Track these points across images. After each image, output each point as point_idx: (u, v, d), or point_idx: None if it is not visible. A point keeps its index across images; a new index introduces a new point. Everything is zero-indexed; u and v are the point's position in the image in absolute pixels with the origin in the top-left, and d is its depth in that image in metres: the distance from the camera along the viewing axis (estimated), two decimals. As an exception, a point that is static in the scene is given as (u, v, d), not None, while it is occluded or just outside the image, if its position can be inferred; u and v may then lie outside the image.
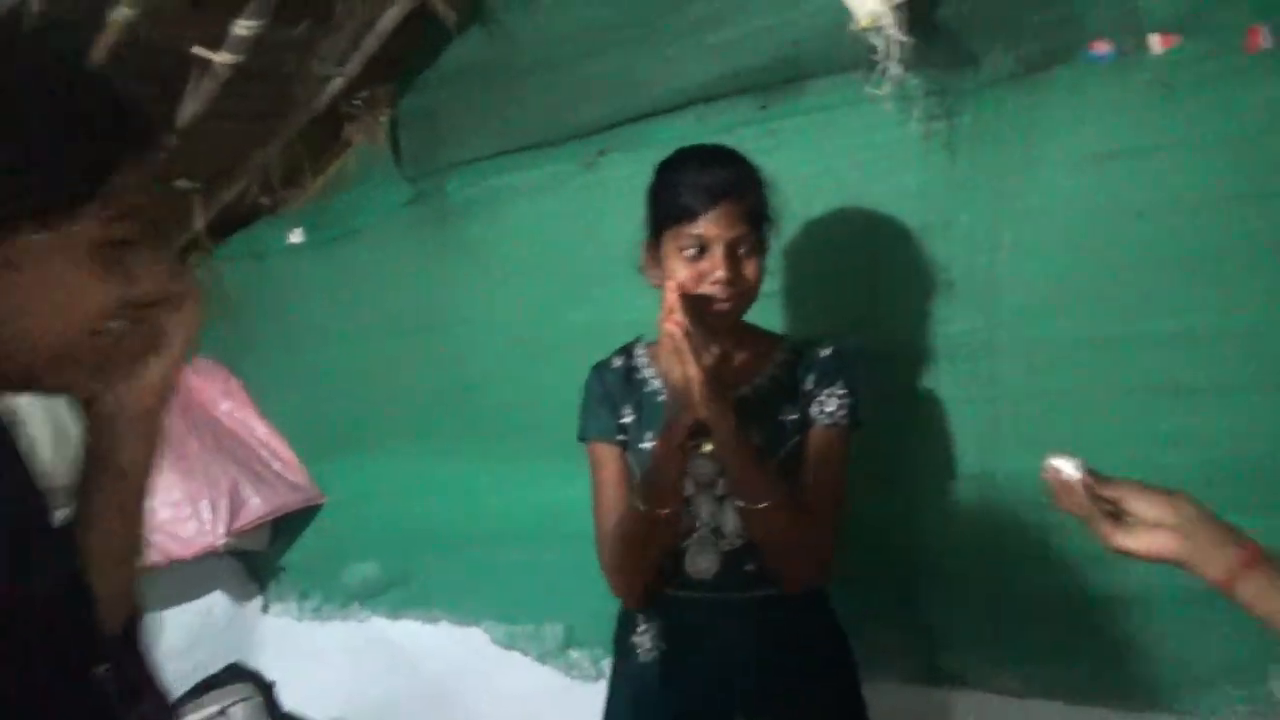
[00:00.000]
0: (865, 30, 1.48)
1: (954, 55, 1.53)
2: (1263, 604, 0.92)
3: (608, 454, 1.39)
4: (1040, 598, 1.54)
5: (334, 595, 2.42)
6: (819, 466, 1.34)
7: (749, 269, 1.29)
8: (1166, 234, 1.40)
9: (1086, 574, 1.48)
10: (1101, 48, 1.43)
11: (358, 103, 2.21)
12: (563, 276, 2.01)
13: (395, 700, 2.26)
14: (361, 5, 1.88)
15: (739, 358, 1.37)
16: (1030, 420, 1.52)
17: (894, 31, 1.47)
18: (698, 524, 1.34)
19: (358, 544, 2.38)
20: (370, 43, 1.98)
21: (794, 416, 1.36)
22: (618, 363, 1.45)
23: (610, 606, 1.59)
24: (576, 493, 1.46)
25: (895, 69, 1.49)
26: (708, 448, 1.30)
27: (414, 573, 2.29)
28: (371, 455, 2.34)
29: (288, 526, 2.46)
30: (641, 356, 1.44)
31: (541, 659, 2.05)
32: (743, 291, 1.28)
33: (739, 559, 1.34)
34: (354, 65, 2.02)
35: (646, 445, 1.35)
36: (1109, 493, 1.02)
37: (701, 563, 1.34)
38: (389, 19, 1.90)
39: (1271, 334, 1.34)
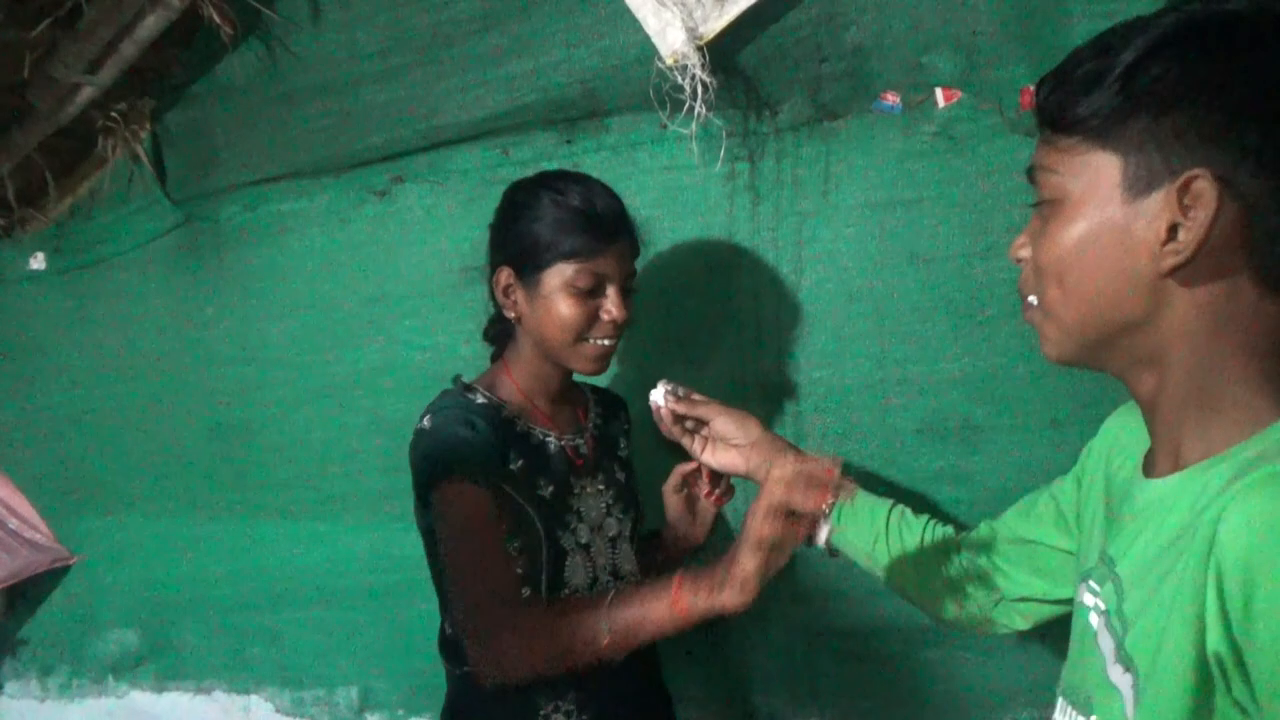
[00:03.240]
0: (670, 68, 1.47)
1: (756, 98, 1.55)
2: (802, 502, 0.95)
3: (489, 502, 1.16)
4: (839, 632, 1.57)
5: (85, 668, 2.14)
6: None
7: (632, 307, 1.27)
8: (938, 281, 1.47)
9: (882, 607, 1.51)
10: (891, 99, 1.49)
11: (114, 115, 1.98)
12: (350, 311, 1.88)
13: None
14: (117, 9, 1.68)
15: (574, 406, 1.39)
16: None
17: (699, 70, 1.47)
18: (599, 570, 1.28)
19: (113, 609, 2.12)
20: (129, 51, 1.77)
21: (624, 454, 1.43)
22: (479, 400, 1.25)
23: (409, 664, 1.49)
24: (367, 546, 1.36)
25: (699, 108, 1.49)
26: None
27: (180, 639, 2.06)
28: (128, 510, 2.09)
29: (28, 593, 2.15)
30: (495, 397, 1.28)
31: (332, 729, 1.89)
32: (624, 329, 1.26)
33: None
34: (108, 74, 1.80)
35: (545, 494, 1.24)
36: (698, 411, 1.25)
37: None
38: (151, 26, 1.71)
39: (1024, 378, 1.42)
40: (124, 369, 2.08)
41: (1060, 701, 0.83)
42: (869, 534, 1.21)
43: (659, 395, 1.25)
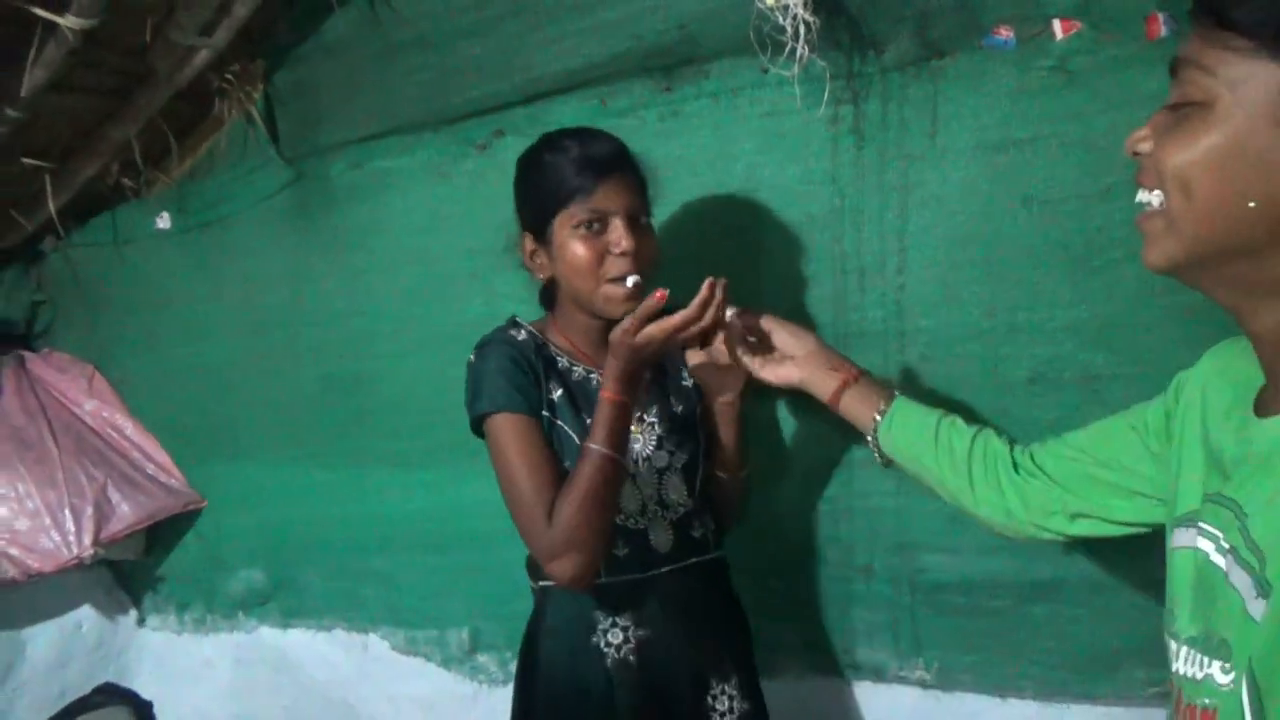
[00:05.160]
0: (771, 8, 1.43)
1: (859, 39, 1.49)
2: (851, 411, 1.24)
3: (529, 427, 1.26)
4: (949, 587, 1.54)
5: (217, 605, 2.28)
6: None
7: (649, 241, 1.28)
8: (1053, 225, 1.40)
9: (993, 562, 1.48)
10: (1004, 33, 1.41)
11: (229, 77, 2.05)
12: (454, 264, 1.91)
13: (288, 713, 2.15)
14: (228, -30, 1.73)
15: None
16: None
17: (800, 10, 1.42)
18: (648, 499, 1.35)
19: (241, 550, 2.24)
20: (240, 11, 1.83)
21: (688, 383, 1.45)
22: (521, 336, 1.36)
23: (516, 607, 1.53)
24: (472, 493, 1.40)
25: (801, 50, 1.44)
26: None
27: (303, 579, 2.17)
28: (252, 456, 2.20)
29: (164, 533, 2.30)
30: (543, 336, 1.38)
31: (445, 664, 1.97)
32: (647, 266, 1.27)
33: (686, 526, 1.37)
34: (221, 36, 1.86)
35: (587, 424, 1.28)
36: (761, 323, 1.30)
37: (660, 537, 1.35)
38: (260, -14, 1.76)
39: (1144, 325, 1.35)
40: (243, 322, 2.17)
41: (1184, 651, 0.79)
42: (919, 441, 1.21)
43: (730, 312, 1.29)
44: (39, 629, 2.19)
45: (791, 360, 1.29)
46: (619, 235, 1.23)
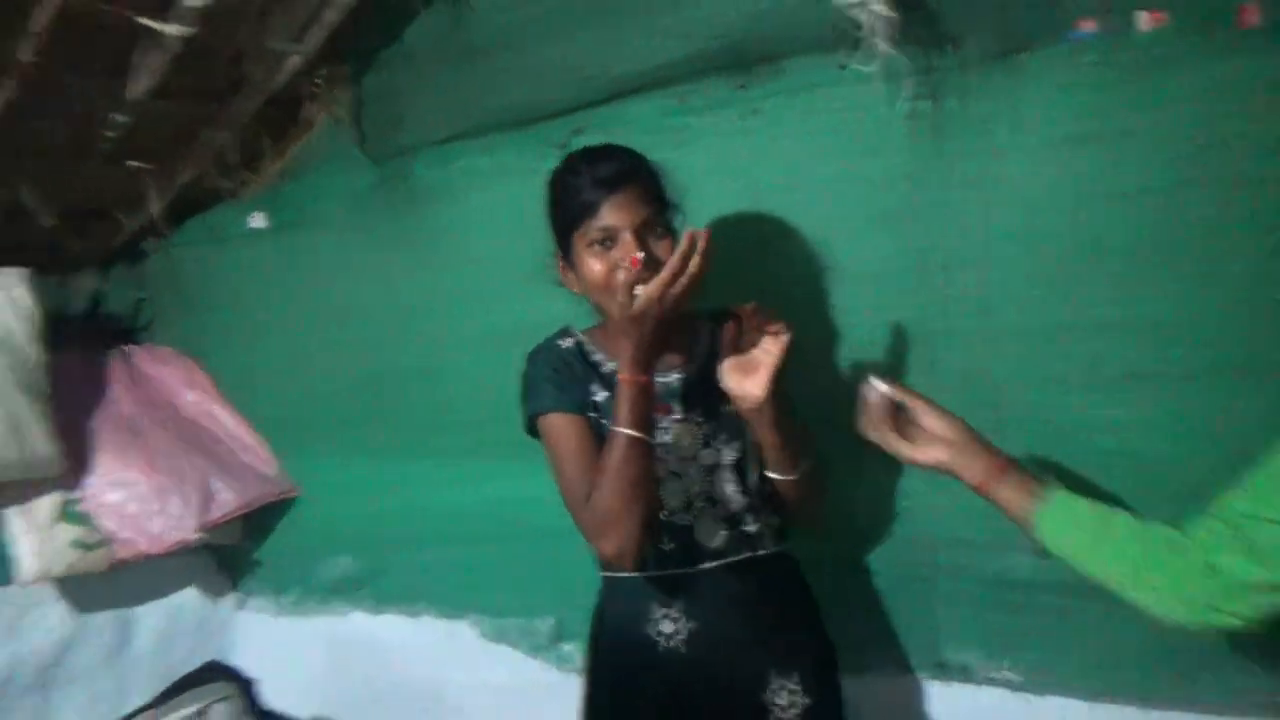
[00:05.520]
0: (849, 4, 1.44)
1: (938, 34, 1.49)
2: (1004, 500, 1.18)
3: (573, 424, 1.36)
4: (1040, 587, 1.53)
5: (312, 590, 2.37)
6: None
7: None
8: (1142, 219, 1.38)
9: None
10: (1086, 26, 1.39)
11: (318, 81, 2.12)
12: (533, 263, 1.94)
13: (380, 696, 2.23)
14: (318, -22, 1.79)
15: (673, 341, 1.42)
16: (1023, 407, 1.51)
17: (879, 6, 1.42)
18: (695, 496, 1.39)
19: (334, 537, 2.33)
20: (330, 17, 1.90)
21: None
22: (566, 344, 1.46)
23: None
24: (551, 486, 1.43)
25: (880, 46, 1.45)
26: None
27: (394, 567, 2.25)
28: (343, 447, 2.28)
29: (261, 520, 2.40)
30: (588, 343, 1.46)
31: (532, 652, 2.02)
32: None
33: (739, 521, 1.40)
34: (312, 41, 1.93)
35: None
36: (909, 402, 1.24)
37: (710, 533, 1.39)
38: (349, -7, 1.82)
39: (1243, 320, 1.33)
40: (332, 317, 2.25)
41: None
42: (1083, 540, 1.16)
43: (874, 388, 1.25)
44: (147, 608, 2.31)
45: (941, 443, 1.23)
46: (626, 250, 1.29)
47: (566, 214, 1.35)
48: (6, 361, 1.90)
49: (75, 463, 2.09)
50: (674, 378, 1.44)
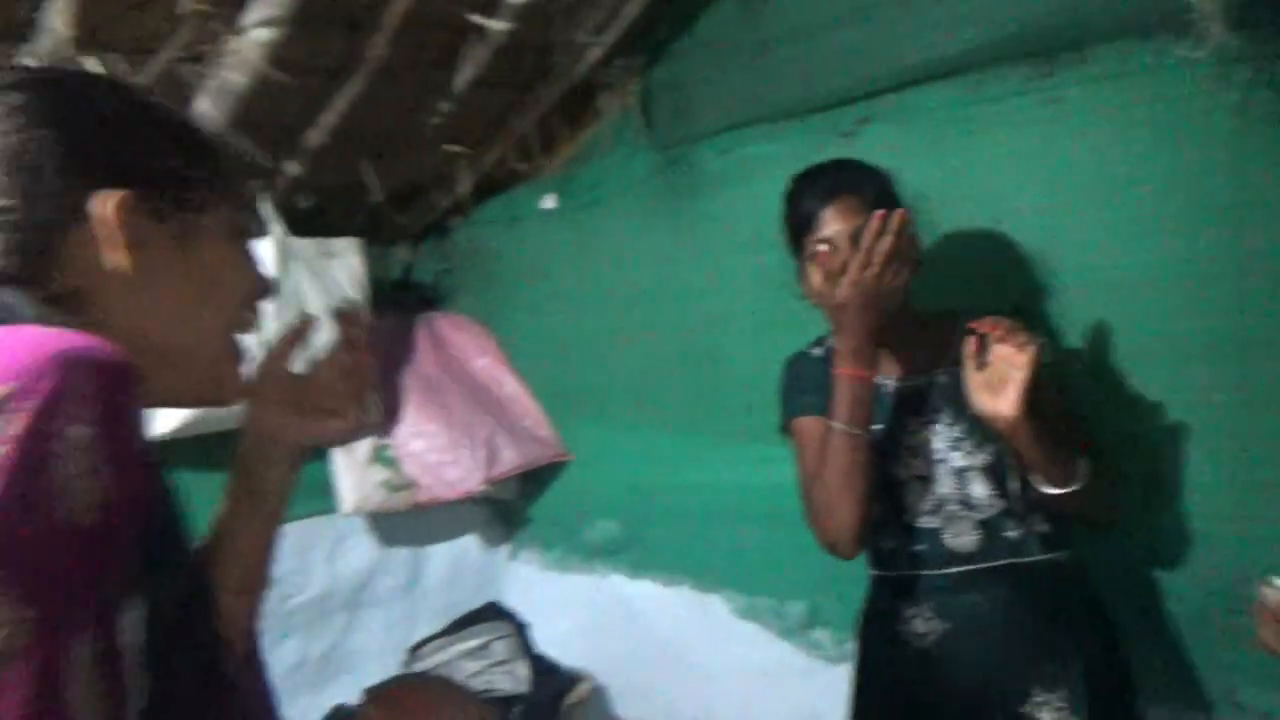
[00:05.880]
0: (1181, -14, 1.32)
1: (1276, 15, 1.33)
2: None
3: (815, 425, 1.40)
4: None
5: (576, 549, 2.53)
6: (1059, 412, 1.36)
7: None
8: None
9: None
10: None
11: (613, 72, 2.24)
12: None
13: (633, 656, 2.34)
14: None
15: (924, 342, 1.42)
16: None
17: (1217, -13, 1.29)
18: (944, 500, 1.37)
19: (599, 502, 2.47)
20: (629, 11, 2.00)
21: None
22: (817, 352, 1.52)
23: (853, 590, 1.57)
24: None
25: (1216, 30, 1.32)
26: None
27: (653, 536, 2.35)
28: (615, 419, 2.41)
29: (535, 480, 2.59)
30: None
31: (783, 634, 2.05)
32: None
33: (997, 526, 1.36)
34: (611, 34, 2.05)
35: (874, 430, 1.37)
36: None
37: (960, 537, 1.36)
38: (649, -12, 1.91)
39: None
40: (613, 296, 2.37)
41: None
42: None
43: (1275, 589, 1.09)
44: (436, 549, 2.57)
45: None
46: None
47: (792, 230, 1.42)
48: (341, 319, 2.17)
49: (388, 412, 2.36)
50: (919, 382, 1.43)
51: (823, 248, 1.35)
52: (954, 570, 1.36)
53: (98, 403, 0.52)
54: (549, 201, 2.48)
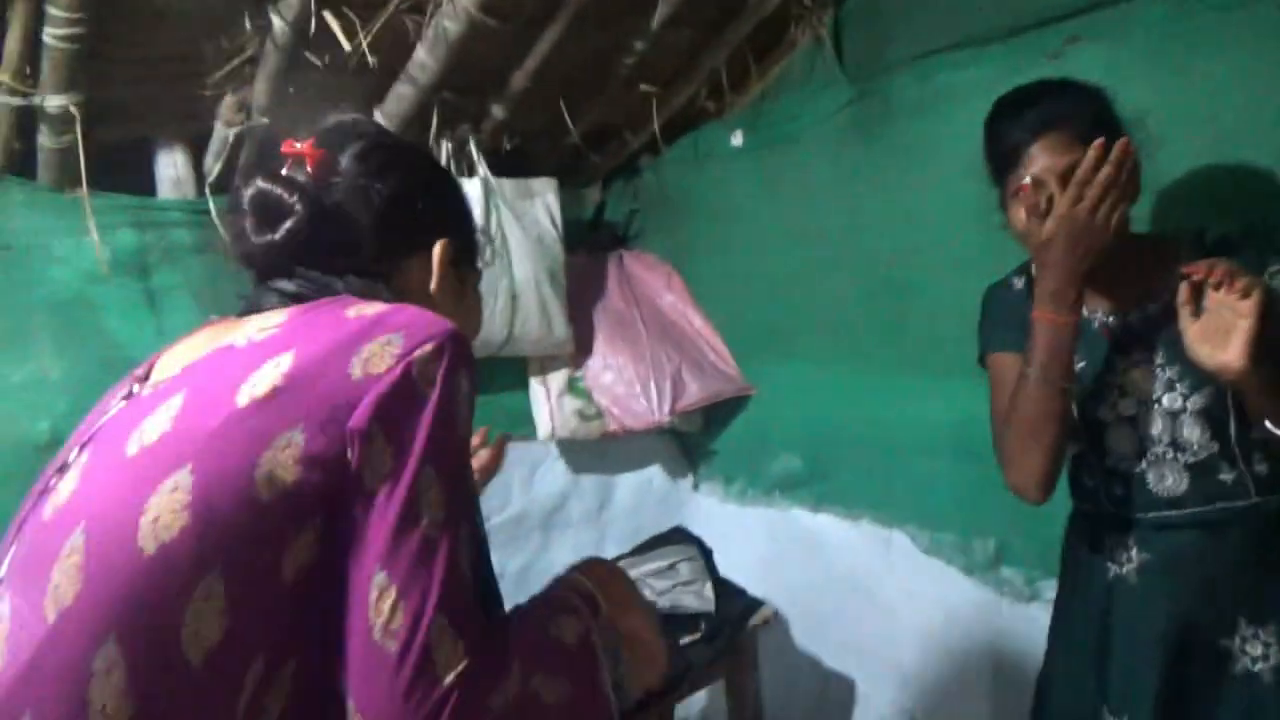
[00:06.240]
0: None
1: None
2: None
3: (1012, 361, 1.34)
4: None
5: (757, 482, 2.58)
6: None
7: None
8: None
9: None
10: None
11: (804, 3, 2.22)
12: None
13: (813, 589, 2.39)
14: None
15: (1137, 274, 1.32)
16: None
17: None
18: (1152, 441, 1.30)
19: (781, 437, 2.50)
20: (822, -60, 1.97)
21: None
22: (1019, 283, 1.45)
23: (1046, 529, 1.54)
24: None
25: None
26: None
27: (835, 470, 2.37)
28: (798, 354, 2.42)
29: (718, 413, 2.65)
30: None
31: (968, 571, 2.02)
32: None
33: (1210, 469, 1.28)
34: (803, -35, 2.03)
35: (1079, 368, 1.32)
36: None
37: (1168, 481, 1.30)
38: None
39: None
40: (800, 233, 2.37)
41: None
42: None
43: None
44: (623, 477, 2.70)
45: None
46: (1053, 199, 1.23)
47: (994, 162, 1.34)
48: (540, 255, 2.30)
49: (580, 345, 2.48)
50: (1131, 318, 1.34)
51: (1029, 184, 1.26)
52: (1156, 514, 1.30)
53: (468, 362, 0.80)
54: (737, 139, 2.49)
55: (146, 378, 0.85)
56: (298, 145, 0.94)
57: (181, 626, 0.66)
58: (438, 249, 0.97)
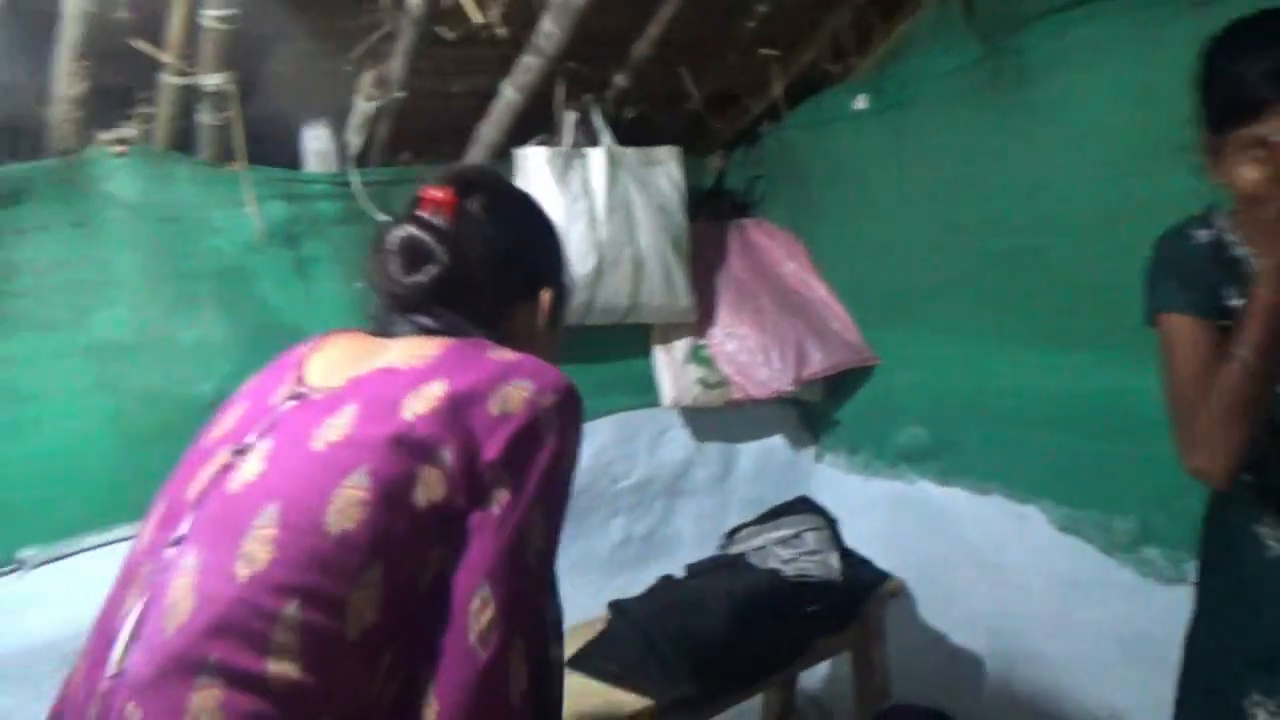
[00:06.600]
0: None
1: None
2: None
3: (1193, 327, 1.21)
4: None
5: (882, 454, 2.54)
6: None
7: None
8: None
9: None
10: None
11: (937, -41, 2.15)
12: (1158, 139, 1.77)
13: (941, 564, 2.34)
14: None
15: None
16: None
17: None
18: None
19: (906, 408, 2.45)
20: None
21: None
22: (1202, 235, 1.27)
23: (1193, 506, 1.46)
24: (1147, 381, 1.35)
25: None
26: None
27: (963, 443, 2.30)
28: (924, 323, 2.37)
29: (841, 383, 2.62)
30: (1231, 233, 1.25)
31: (1107, 550, 1.94)
32: None
33: None
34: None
35: None
36: None
37: None
38: None
39: None
40: (924, 198, 2.31)
41: None
42: None
43: None
44: (746, 446, 2.70)
45: None
46: None
47: (1221, 106, 1.14)
48: (664, 224, 2.31)
49: (703, 314, 2.49)
50: None
51: (1257, 141, 1.09)
52: None
53: (580, 418, 0.92)
54: (861, 102, 2.44)
55: (302, 378, 0.95)
56: (437, 193, 1.02)
57: (348, 605, 0.77)
58: (545, 297, 1.07)
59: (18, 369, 1.75)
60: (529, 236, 1.08)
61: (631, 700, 1.68)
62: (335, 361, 0.96)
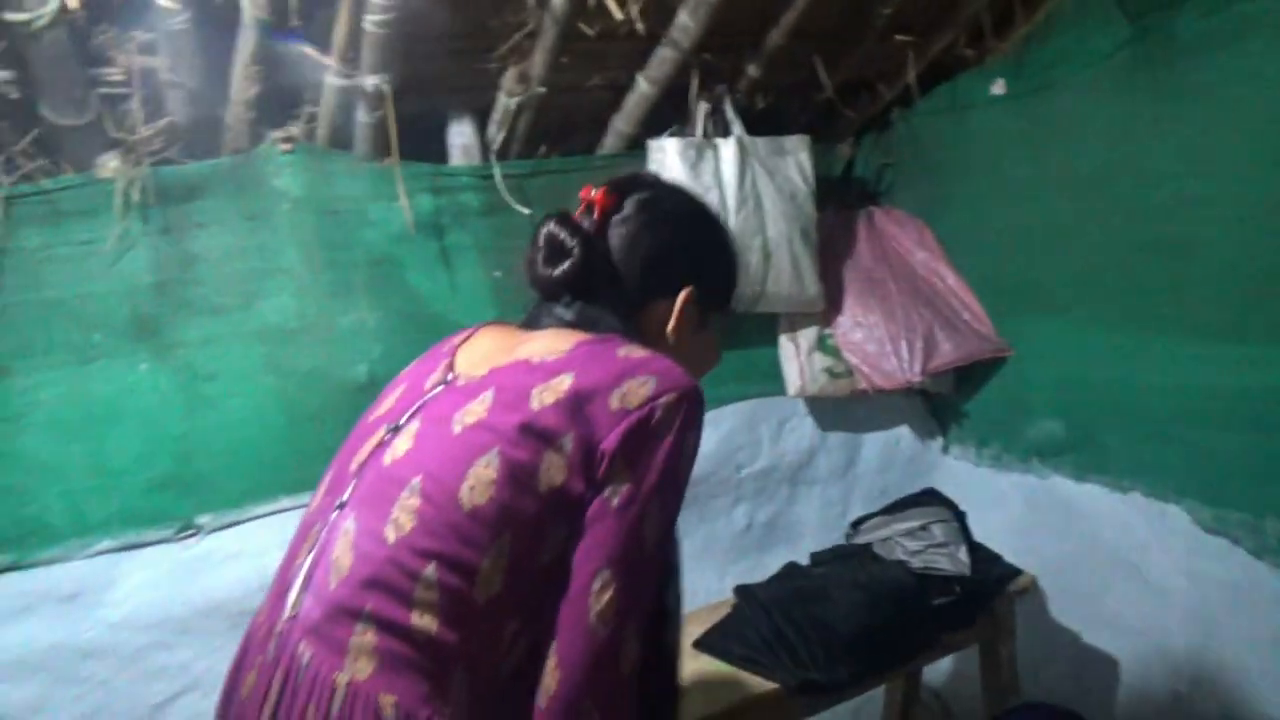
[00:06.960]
0: None
1: None
2: None
3: None
4: None
5: (1014, 447, 2.48)
6: None
7: None
8: None
9: None
10: None
11: (1081, -65, 2.07)
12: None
13: (1073, 561, 2.28)
14: None
15: None
16: None
17: None
18: None
19: (1041, 401, 2.39)
20: None
21: None
22: None
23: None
24: None
25: None
26: None
27: (1102, 437, 2.23)
28: (1061, 314, 2.30)
29: (970, 375, 2.57)
30: None
31: (1258, 553, 1.86)
32: None
33: None
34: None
35: None
36: None
37: None
38: None
39: None
40: (1064, 185, 2.23)
41: None
42: None
43: None
44: (871, 436, 2.68)
45: None
46: None
47: None
48: (793, 213, 2.32)
49: (830, 303, 2.49)
50: None
51: None
52: None
53: (699, 419, 0.97)
54: (998, 87, 2.38)
55: (452, 366, 1.05)
56: (593, 193, 1.10)
57: (478, 571, 0.87)
58: (682, 295, 1.11)
59: (197, 351, 1.91)
60: (677, 237, 1.13)
61: (757, 683, 1.71)
62: (482, 352, 1.05)
